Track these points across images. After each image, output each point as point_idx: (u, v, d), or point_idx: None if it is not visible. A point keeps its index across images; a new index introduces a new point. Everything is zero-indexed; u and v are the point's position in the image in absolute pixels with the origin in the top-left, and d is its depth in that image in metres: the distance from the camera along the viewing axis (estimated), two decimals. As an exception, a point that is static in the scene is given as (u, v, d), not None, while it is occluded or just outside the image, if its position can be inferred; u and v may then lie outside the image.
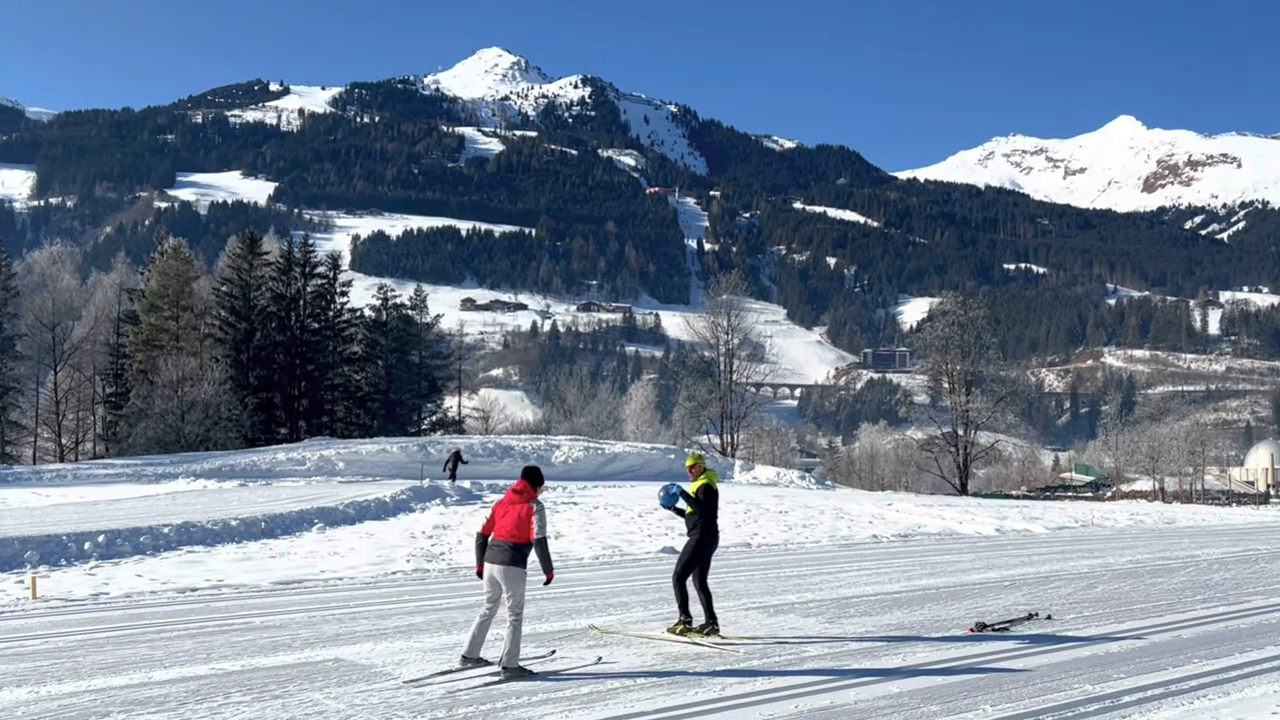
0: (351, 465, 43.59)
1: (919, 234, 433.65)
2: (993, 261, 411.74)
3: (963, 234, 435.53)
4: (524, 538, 10.01)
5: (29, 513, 24.87)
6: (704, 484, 11.92)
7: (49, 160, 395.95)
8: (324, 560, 19.02)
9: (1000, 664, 10.74)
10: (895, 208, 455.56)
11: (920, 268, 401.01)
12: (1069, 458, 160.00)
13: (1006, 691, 9.52)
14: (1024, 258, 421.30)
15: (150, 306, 61.37)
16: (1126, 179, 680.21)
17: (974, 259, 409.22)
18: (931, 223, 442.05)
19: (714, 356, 71.23)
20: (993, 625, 12.89)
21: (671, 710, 8.75)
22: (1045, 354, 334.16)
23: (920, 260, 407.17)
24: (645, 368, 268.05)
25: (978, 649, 11.57)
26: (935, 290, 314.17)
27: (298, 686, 9.48)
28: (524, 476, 10.42)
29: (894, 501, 39.33)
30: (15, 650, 11.04)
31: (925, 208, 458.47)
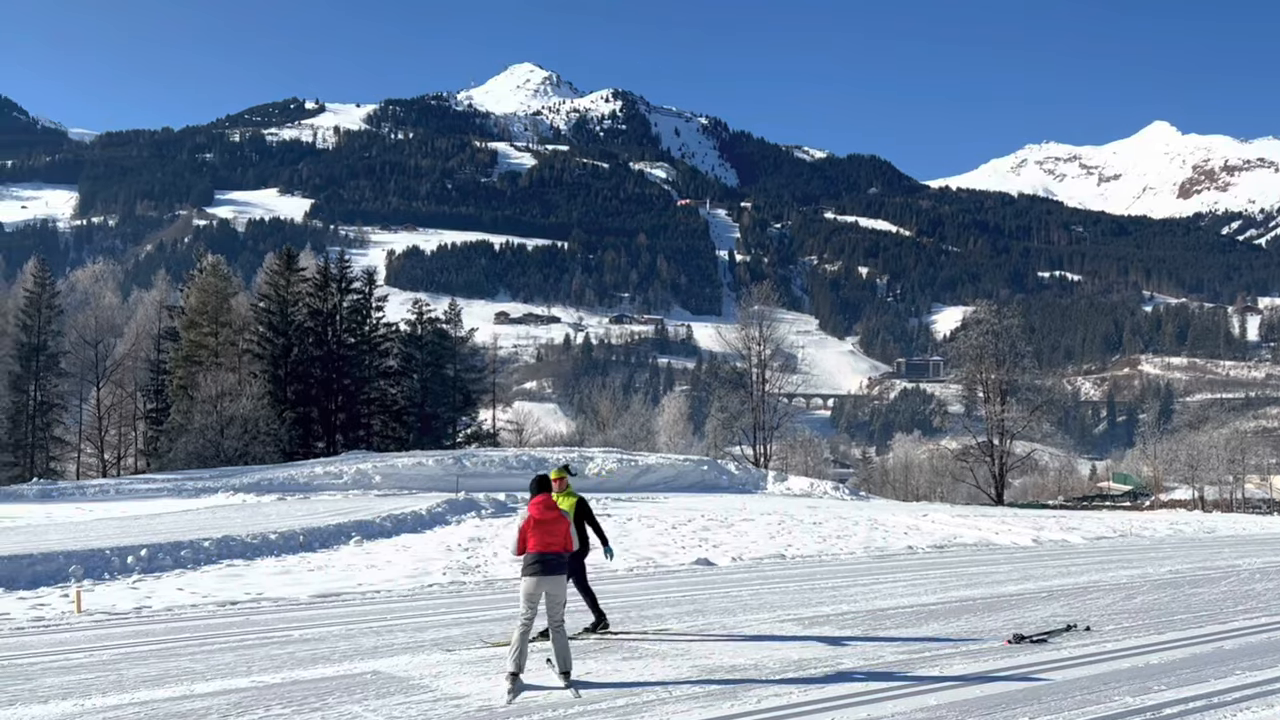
0: (388, 479, 43.81)
1: (952, 242, 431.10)
2: (1027, 269, 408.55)
3: (996, 242, 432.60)
4: (571, 547, 10.57)
5: (73, 527, 25.19)
6: (577, 500, 12.74)
7: (91, 180, 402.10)
8: (361, 573, 19.15)
9: (1039, 676, 10.67)
10: (928, 216, 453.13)
11: (953, 276, 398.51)
12: (1106, 467, 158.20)
13: (1045, 703, 9.46)
14: (1058, 265, 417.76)
15: (190, 323, 62.05)
16: (1162, 185, 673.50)
17: (1008, 267, 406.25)
18: (964, 231, 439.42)
19: (746, 367, 71.08)
20: (1031, 637, 12.80)
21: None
22: (1081, 362, 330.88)
23: (953, 269, 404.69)
24: (677, 379, 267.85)
25: (1015, 660, 11.49)
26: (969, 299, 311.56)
27: (337, 699, 9.56)
28: (545, 488, 10.83)
29: (929, 512, 39.06)
30: (60, 663, 11.21)
31: (958, 216, 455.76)
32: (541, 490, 10.78)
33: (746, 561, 22.01)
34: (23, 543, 20.67)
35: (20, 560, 17.84)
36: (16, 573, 17.30)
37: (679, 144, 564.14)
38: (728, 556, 22.56)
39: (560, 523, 10.41)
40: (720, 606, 15.43)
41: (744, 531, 28.20)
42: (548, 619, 10.35)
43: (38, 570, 17.60)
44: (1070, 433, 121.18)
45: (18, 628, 13.58)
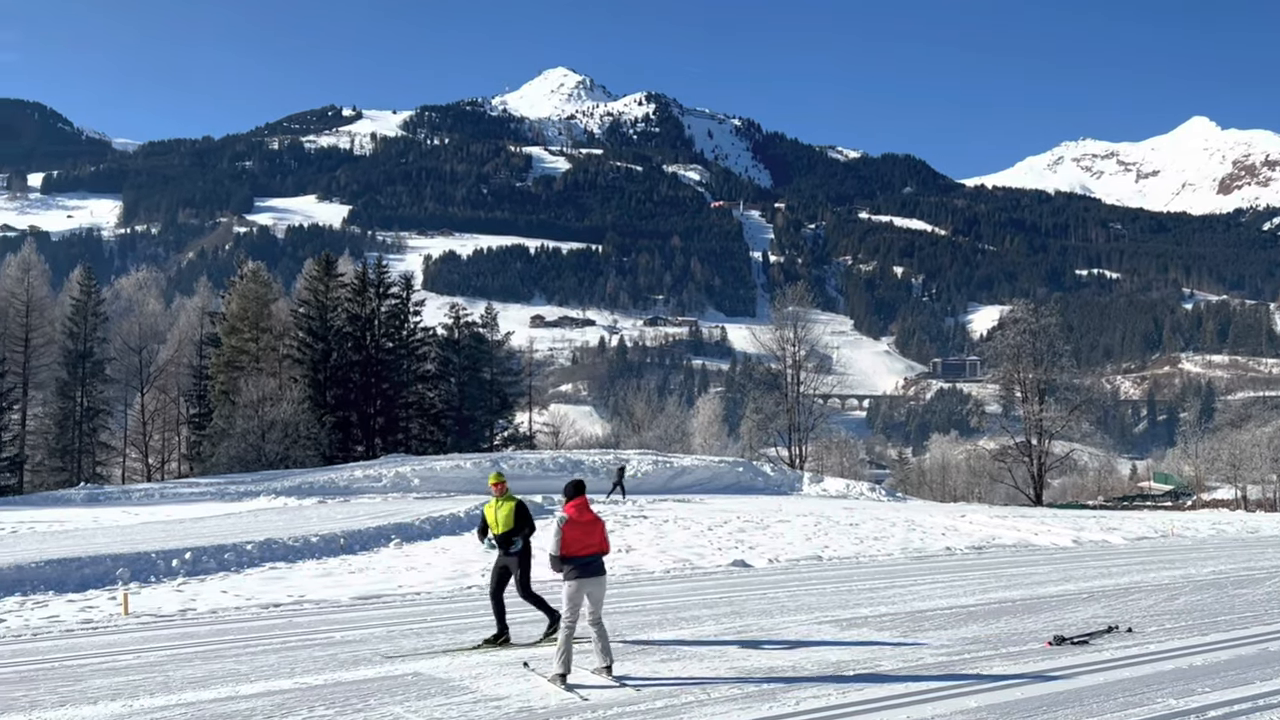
0: (426, 481, 44.13)
1: (988, 241, 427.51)
2: (1064, 267, 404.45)
3: (1033, 240, 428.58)
4: (608, 548, 10.83)
5: (120, 531, 25.56)
6: (518, 504, 12.53)
7: (135, 189, 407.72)
8: (401, 575, 19.32)
9: (1080, 677, 10.61)
10: (963, 215, 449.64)
11: (989, 275, 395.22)
12: (1147, 466, 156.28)
13: (1087, 706, 9.41)
14: (1096, 263, 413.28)
15: (231, 329, 62.72)
16: (1201, 181, 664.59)
17: (1045, 265, 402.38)
18: (1000, 229, 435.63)
19: (780, 368, 70.90)
20: (1071, 638, 12.72)
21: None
22: (1120, 361, 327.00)
23: (989, 268, 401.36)
24: (712, 381, 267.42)
25: (1056, 662, 11.43)
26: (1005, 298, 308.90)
27: (379, 700, 9.67)
28: (580, 491, 10.98)
29: (967, 513, 38.82)
30: (109, 665, 11.41)
31: (994, 215, 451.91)
32: (578, 494, 10.90)
33: (783, 563, 22.00)
34: (71, 546, 21.01)
35: (69, 563, 18.16)
36: (66, 575, 17.63)
37: (712, 146, 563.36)
38: (764, 558, 22.56)
39: (597, 524, 10.67)
40: (758, 608, 15.45)
41: (780, 533, 28.17)
42: (588, 616, 10.50)
43: (86, 573, 17.91)
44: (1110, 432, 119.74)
45: (67, 630, 13.83)
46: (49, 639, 13.19)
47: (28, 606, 15.72)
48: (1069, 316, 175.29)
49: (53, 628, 13.99)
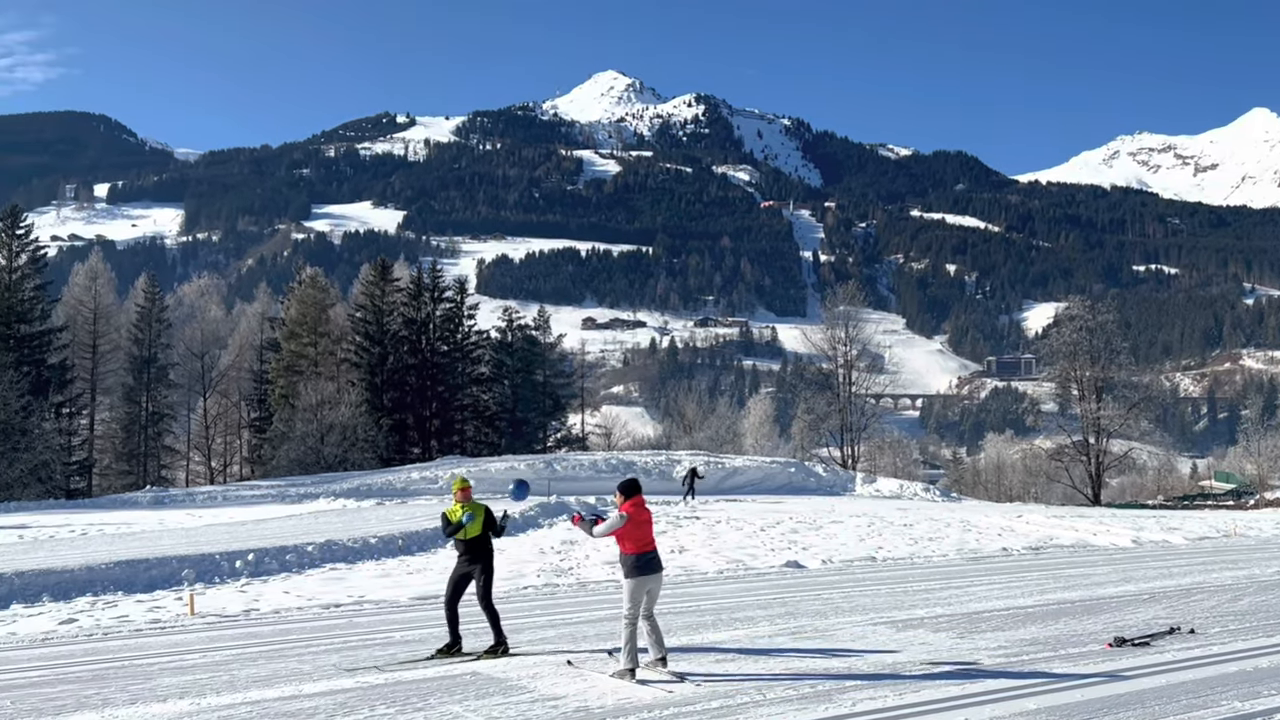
0: (481, 483, 44.47)
1: (1042, 237, 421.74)
2: (1121, 263, 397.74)
3: (1088, 236, 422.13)
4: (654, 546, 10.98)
5: (185, 533, 26.09)
6: (488, 511, 12.32)
7: (196, 198, 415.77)
8: (458, 576, 19.53)
9: (1142, 680, 10.50)
10: (1017, 211, 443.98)
11: (1044, 272, 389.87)
12: (1208, 465, 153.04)
13: (1149, 708, 9.32)
14: (1154, 259, 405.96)
15: (290, 334, 63.65)
16: (1262, 174, 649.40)
17: (1101, 261, 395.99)
18: (1055, 226, 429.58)
19: (832, 368, 70.50)
20: (1132, 640, 12.58)
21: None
22: (1180, 358, 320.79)
23: (1044, 264, 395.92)
24: (763, 381, 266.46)
25: (1117, 664, 11.32)
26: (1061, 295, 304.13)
27: (438, 700, 9.80)
28: (637, 490, 11.15)
29: (1023, 513, 38.36)
30: (177, 664, 11.68)
31: (1048, 210, 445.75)
32: (636, 492, 11.07)
33: (837, 564, 21.94)
34: (139, 548, 21.54)
35: (137, 565, 18.61)
36: (134, 576, 18.06)
37: (761, 146, 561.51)
38: (818, 559, 22.51)
39: (651, 523, 10.99)
40: (812, 609, 15.44)
41: (833, 534, 28.07)
42: (644, 610, 10.74)
43: (153, 574, 18.35)
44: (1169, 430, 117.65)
45: (136, 629, 14.17)
46: (119, 638, 13.53)
47: (98, 606, 16.13)
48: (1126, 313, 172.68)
49: (122, 627, 14.35)
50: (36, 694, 10.20)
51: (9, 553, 21.61)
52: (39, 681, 10.78)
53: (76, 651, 12.58)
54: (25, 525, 29.78)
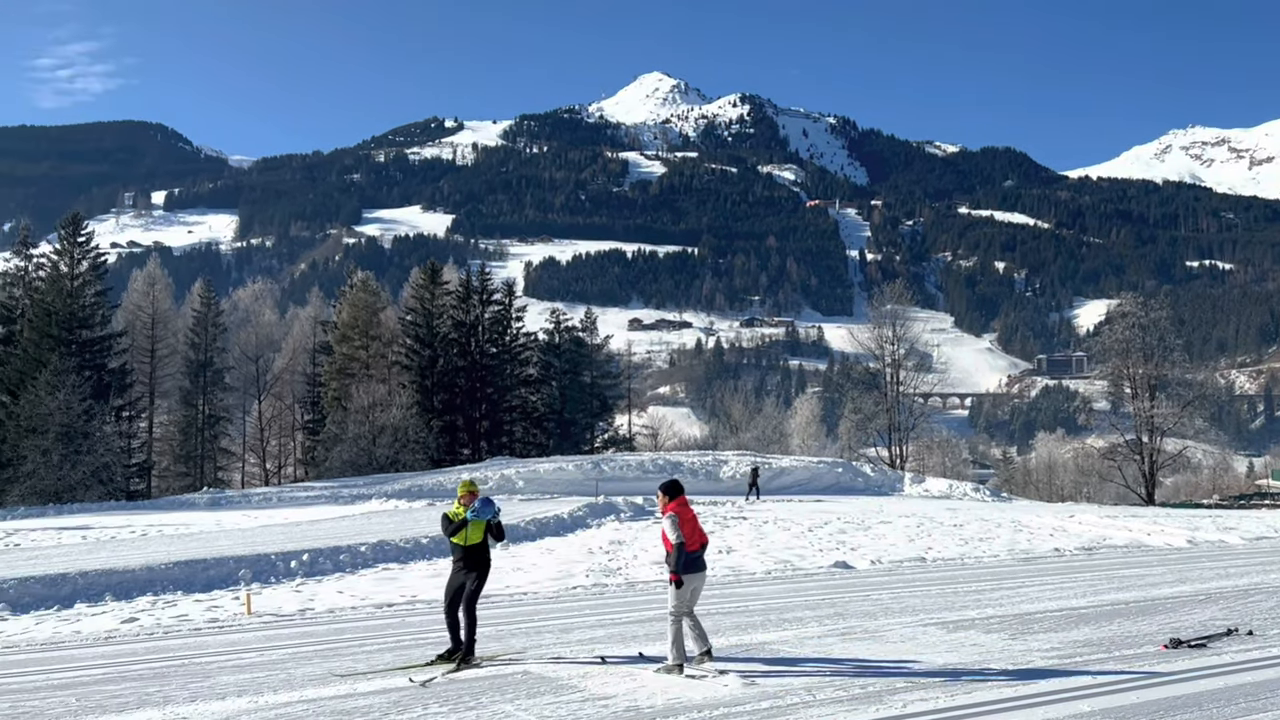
0: (530, 483, 44.86)
1: (1093, 234, 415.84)
2: (1174, 259, 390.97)
3: (1140, 232, 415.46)
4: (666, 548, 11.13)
5: (241, 534, 26.52)
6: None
7: (250, 204, 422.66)
8: (508, 576, 19.67)
9: (1198, 681, 10.38)
10: (1067, 208, 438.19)
11: (1095, 269, 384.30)
12: (1265, 463, 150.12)
13: (1206, 711, 9.21)
14: (1208, 254, 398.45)
15: (342, 337, 64.38)
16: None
17: (1153, 257, 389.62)
18: (1106, 221, 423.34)
19: (879, 367, 70.06)
20: (1189, 641, 12.43)
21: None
22: (1235, 354, 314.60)
23: (1095, 261, 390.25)
24: (809, 381, 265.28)
25: (1173, 666, 11.19)
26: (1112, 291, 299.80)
27: (490, 699, 9.90)
28: (682, 491, 11.34)
29: (1075, 513, 37.90)
30: (235, 662, 11.91)
31: (1099, 206, 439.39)
32: (680, 492, 11.25)
33: (886, 564, 21.85)
34: (197, 549, 21.96)
35: (195, 565, 18.99)
36: (192, 576, 18.43)
37: (807, 145, 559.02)
38: (866, 559, 22.43)
39: (696, 521, 11.27)
40: (861, 610, 15.40)
41: (882, 534, 27.93)
42: (687, 607, 10.97)
43: (211, 574, 18.71)
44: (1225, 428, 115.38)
45: (195, 629, 14.46)
46: (179, 637, 13.80)
47: (158, 606, 16.47)
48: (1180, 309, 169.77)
49: (182, 626, 14.64)
50: (101, 691, 10.44)
51: (73, 553, 22.13)
52: (102, 679, 11.03)
53: (138, 650, 12.86)
54: (88, 526, 30.45)
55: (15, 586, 16.82)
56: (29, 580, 17.19)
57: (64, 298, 54.71)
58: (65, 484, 47.12)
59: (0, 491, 49.12)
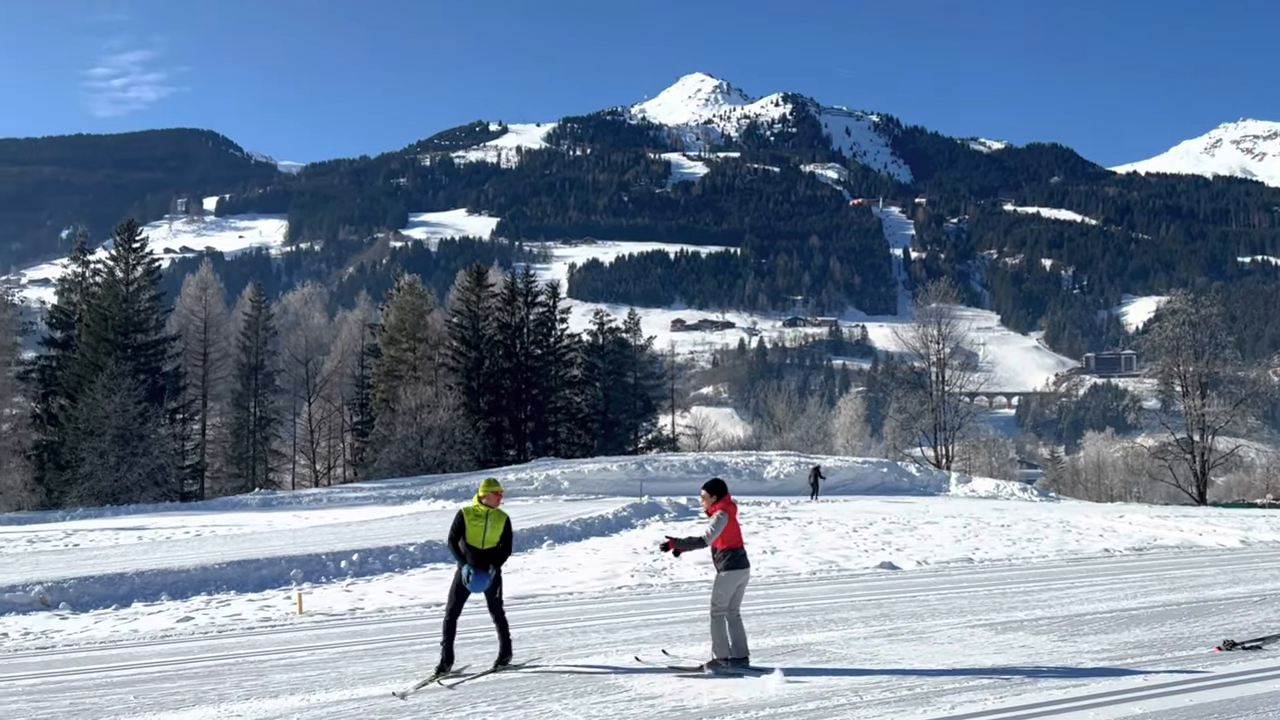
0: (575, 484, 45.06)
1: (1142, 230, 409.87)
2: (1225, 255, 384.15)
3: (1190, 227, 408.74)
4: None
5: (292, 534, 26.87)
6: (509, 521, 11.44)
7: (299, 209, 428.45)
8: (554, 575, 19.80)
9: (1253, 685, 10.24)
10: (1115, 204, 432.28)
11: (1144, 265, 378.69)
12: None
13: (1262, 715, 9.10)
14: (1260, 249, 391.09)
15: (390, 339, 65.05)
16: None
17: (1204, 253, 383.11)
18: (1155, 217, 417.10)
19: (924, 367, 69.58)
20: (1243, 643, 12.26)
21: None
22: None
23: (1144, 257, 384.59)
24: (853, 380, 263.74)
25: (1227, 668, 11.05)
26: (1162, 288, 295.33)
27: (537, 698, 9.97)
28: (727, 490, 11.57)
29: (1125, 513, 37.43)
30: (287, 661, 12.09)
31: (1148, 202, 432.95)
32: (725, 491, 11.44)
33: (932, 565, 21.72)
34: (249, 549, 22.30)
35: (248, 565, 19.31)
36: (245, 576, 18.74)
37: (850, 144, 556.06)
38: (912, 560, 22.31)
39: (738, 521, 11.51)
40: (907, 611, 15.33)
41: (928, 534, 27.76)
42: (731, 605, 11.18)
43: (263, 574, 19.01)
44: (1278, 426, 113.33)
45: (248, 627, 14.69)
46: (233, 636, 14.03)
47: (213, 605, 16.76)
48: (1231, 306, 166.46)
49: (235, 625, 14.88)
50: (158, 689, 10.64)
51: (130, 553, 22.55)
52: (159, 677, 11.24)
53: (194, 648, 13.09)
54: (144, 527, 31.00)
55: (75, 586, 17.19)
56: (88, 580, 17.57)
57: (120, 303, 55.70)
58: (122, 485, 48.00)
59: (60, 493, 50.17)
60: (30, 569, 19.68)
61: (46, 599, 16.59)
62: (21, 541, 26.70)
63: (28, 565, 20.57)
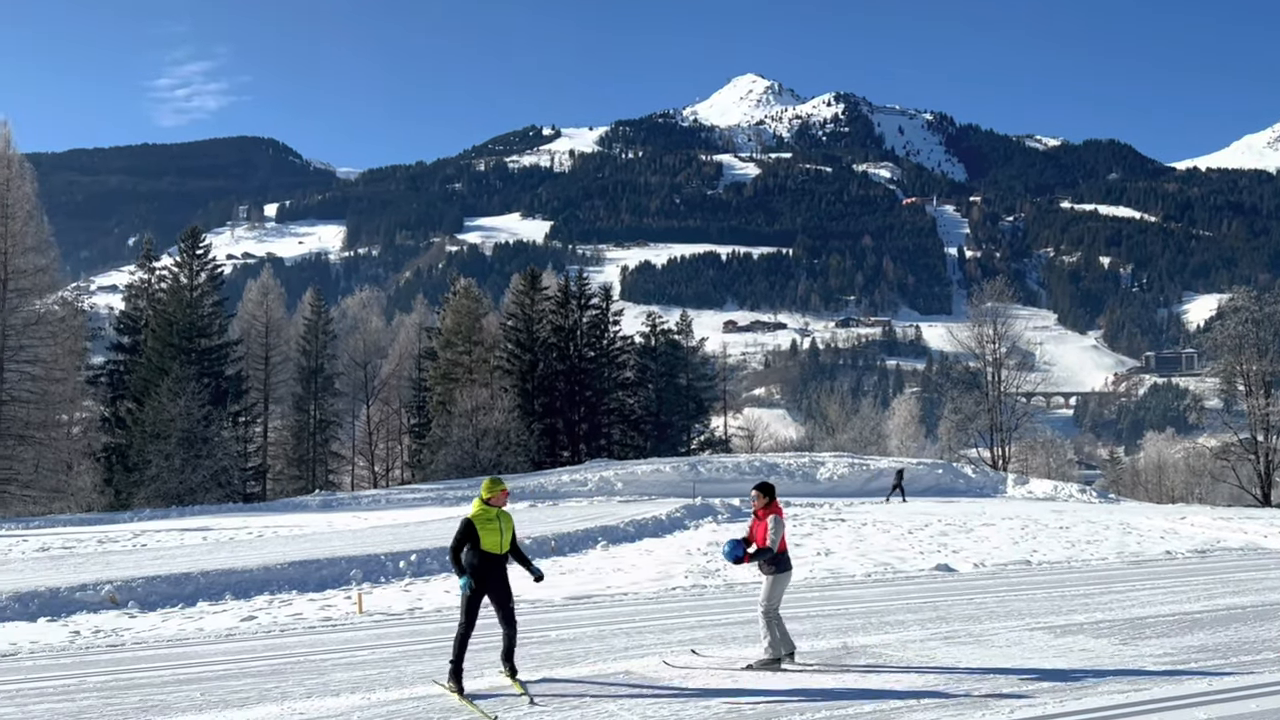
0: (629, 485, 45.19)
1: (1202, 226, 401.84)
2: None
3: (1253, 223, 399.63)
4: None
5: (352, 535, 27.22)
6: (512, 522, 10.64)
7: (357, 214, 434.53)
8: (609, 576, 19.90)
9: (1319, 689, 10.08)
10: (1174, 200, 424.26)
11: (1205, 262, 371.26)
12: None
13: (1327, 719, 8.97)
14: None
15: (446, 343, 65.66)
16: None
17: (1267, 249, 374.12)
18: (1216, 213, 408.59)
19: (980, 367, 68.78)
20: (1308, 648, 12.06)
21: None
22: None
23: (1205, 254, 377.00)
24: (907, 381, 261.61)
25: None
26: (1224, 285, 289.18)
27: (593, 698, 10.06)
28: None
29: (1187, 514, 36.75)
30: (348, 660, 12.30)
31: (1208, 198, 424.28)
32: (775, 493, 11.66)
33: (989, 567, 21.51)
34: (310, 549, 22.67)
35: (309, 565, 19.64)
36: (306, 576, 19.07)
37: (903, 142, 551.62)
38: (969, 562, 22.12)
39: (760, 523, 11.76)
40: (964, 613, 15.23)
41: (985, 536, 27.49)
42: (777, 606, 11.49)
43: (324, 574, 19.33)
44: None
45: (310, 627, 14.95)
46: (294, 635, 14.29)
47: (275, 605, 17.08)
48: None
49: (297, 624, 15.14)
50: (223, 686, 10.89)
51: (195, 553, 23.02)
52: (224, 675, 11.49)
53: (257, 647, 13.35)
54: (208, 527, 31.59)
55: (143, 585, 17.61)
56: (155, 579, 17.98)
57: (184, 308, 56.75)
58: (186, 487, 48.93)
59: (128, 494, 51.27)
60: (100, 569, 20.17)
61: (116, 597, 17.01)
62: (92, 542, 27.31)
63: (98, 565, 21.07)
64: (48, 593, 16.75)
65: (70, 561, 22.16)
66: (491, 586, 10.57)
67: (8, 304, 47.47)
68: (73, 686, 11.08)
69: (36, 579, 18.41)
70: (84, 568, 20.61)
